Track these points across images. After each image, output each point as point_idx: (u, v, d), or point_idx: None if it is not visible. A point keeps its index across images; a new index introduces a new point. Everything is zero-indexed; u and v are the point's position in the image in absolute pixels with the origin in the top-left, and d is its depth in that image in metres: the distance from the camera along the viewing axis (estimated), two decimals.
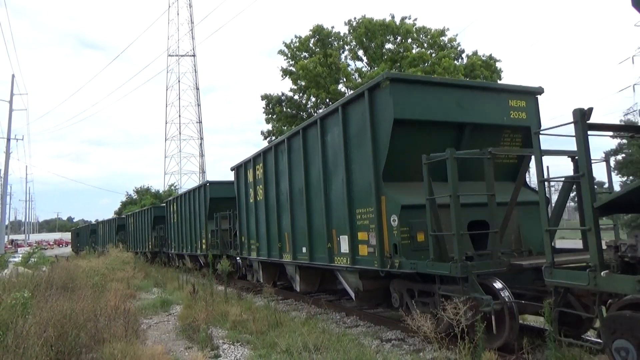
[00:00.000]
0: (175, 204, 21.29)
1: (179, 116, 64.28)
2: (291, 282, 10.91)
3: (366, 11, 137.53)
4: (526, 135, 7.58)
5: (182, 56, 65.41)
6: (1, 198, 37.01)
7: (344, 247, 7.88)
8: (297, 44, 27.68)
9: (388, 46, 27.14)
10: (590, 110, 3.98)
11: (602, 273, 3.95)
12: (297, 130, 9.56)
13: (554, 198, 6.43)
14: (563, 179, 5.64)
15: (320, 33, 27.17)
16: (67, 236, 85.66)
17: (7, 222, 62.82)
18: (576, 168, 6.26)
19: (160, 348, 6.44)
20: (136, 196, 55.32)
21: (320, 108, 26.33)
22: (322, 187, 8.48)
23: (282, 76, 28.12)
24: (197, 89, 65.83)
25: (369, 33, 26.44)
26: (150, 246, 25.45)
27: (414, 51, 25.81)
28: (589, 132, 4.14)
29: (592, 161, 4.22)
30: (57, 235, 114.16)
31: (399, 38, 26.90)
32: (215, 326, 8.42)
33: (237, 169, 13.38)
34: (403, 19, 26.96)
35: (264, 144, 26.90)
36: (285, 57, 28.08)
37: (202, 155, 65.15)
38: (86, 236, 44.68)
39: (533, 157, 6.67)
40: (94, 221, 56.01)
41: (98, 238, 40.10)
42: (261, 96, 28.60)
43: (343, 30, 30.67)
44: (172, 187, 55.71)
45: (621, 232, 6.20)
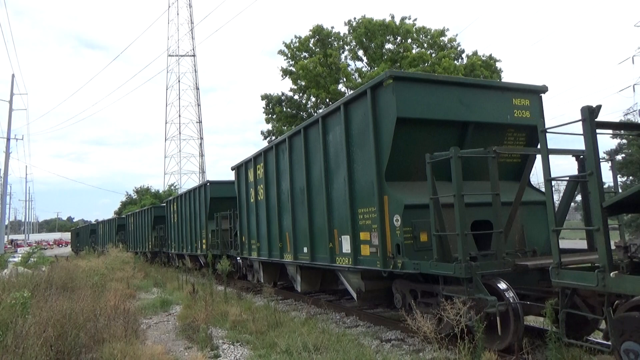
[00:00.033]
0: (175, 204, 21.22)
1: (179, 116, 64.38)
2: (292, 282, 10.84)
3: (366, 11, 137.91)
4: (530, 134, 7.52)
5: (182, 56, 65.51)
6: (1, 198, 36.95)
7: (346, 247, 7.82)
8: (297, 44, 27.65)
9: (388, 46, 27.10)
10: (598, 107, 3.91)
11: (612, 274, 3.88)
12: (299, 129, 9.48)
13: (555, 198, 6.35)
14: (568, 178, 5.56)
15: (320, 33, 27.13)
16: (67, 236, 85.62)
17: (7, 222, 62.77)
18: (581, 167, 6.22)
19: (160, 348, 6.42)
20: (136, 196, 55.35)
21: (320, 108, 26.29)
22: (324, 187, 8.42)
23: (282, 76, 28.11)
24: (197, 89, 65.92)
25: (369, 33, 26.39)
26: (150, 246, 25.38)
27: (414, 51, 25.76)
28: (597, 131, 4.07)
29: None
30: (57, 235, 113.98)
31: (399, 38, 26.86)
32: (215, 326, 8.39)
33: (238, 169, 13.31)
34: (403, 19, 26.93)
35: (264, 144, 26.86)
36: (285, 57, 28.07)
37: (202, 155, 65.22)
38: (86, 236, 44.63)
39: (538, 156, 6.65)
40: (94, 221, 55.99)
41: (98, 238, 40.05)
42: (261, 96, 28.59)
43: (343, 30, 30.74)
44: (172, 187, 55.70)
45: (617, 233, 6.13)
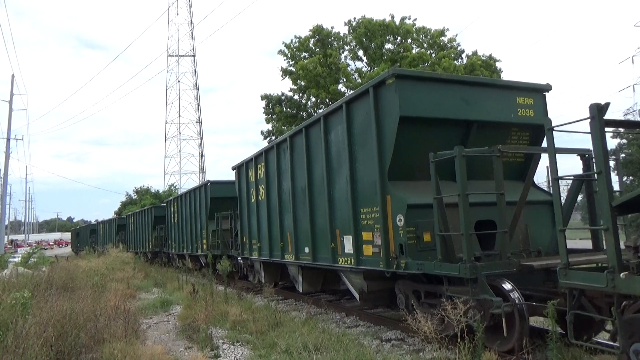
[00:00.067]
0: (175, 204, 21.16)
1: (179, 116, 64.34)
2: (293, 283, 10.79)
3: (366, 11, 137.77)
4: (534, 133, 7.47)
5: (182, 56, 65.46)
6: (1, 198, 36.91)
7: (348, 247, 7.76)
8: (297, 44, 27.57)
9: (388, 46, 27.02)
10: (607, 105, 3.85)
11: (622, 274, 3.81)
12: (300, 128, 9.42)
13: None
14: (574, 177, 5.50)
15: (320, 33, 27.05)
16: (67, 236, 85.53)
17: (7, 222, 62.70)
18: (585, 166, 6.16)
19: (160, 348, 6.38)
20: (136, 196, 55.32)
21: (320, 108, 26.21)
22: (326, 186, 8.36)
23: (282, 76, 28.02)
24: (197, 89, 65.88)
25: (369, 33, 26.31)
26: (150, 246, 25.31)
27: (414, 51, 25.68)
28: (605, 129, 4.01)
29: None
30: (57, 235, 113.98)
31: (399, 38, 26.77)
32: (215, 326, 8.35)
33: (239, 169, 13.25)
34: (403, 19, 26.85)
35: (264, 144, 26.79)
36: (285, 57, 27.99)
37: (202, 155, 65.17)
38: (86, 236, 44.58)
39: (544, 155, 6.59)
40: (94, 221, 55.98)
41: (98, 238, 40.00)
42: (261, 96, 28.51)
43: (343, 30, 30.64)
44: (172, 187, 55.66)
45: (621, 233, 6.07)
